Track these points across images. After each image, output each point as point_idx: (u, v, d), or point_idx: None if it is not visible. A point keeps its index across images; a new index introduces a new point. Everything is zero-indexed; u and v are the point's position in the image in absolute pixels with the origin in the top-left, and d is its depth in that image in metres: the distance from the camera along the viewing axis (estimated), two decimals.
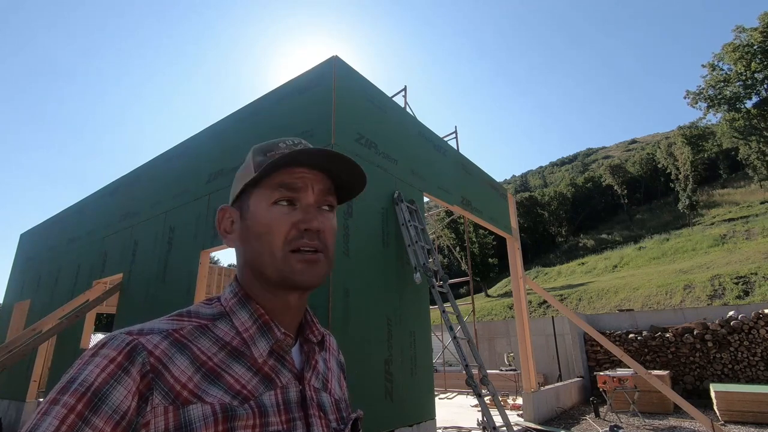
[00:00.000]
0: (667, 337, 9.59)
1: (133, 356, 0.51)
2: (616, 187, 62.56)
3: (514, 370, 10.01)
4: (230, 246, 0.68)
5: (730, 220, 37.63)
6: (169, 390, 0.51)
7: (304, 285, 0.61)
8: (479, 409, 5.46)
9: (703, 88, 34.96)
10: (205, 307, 0.63)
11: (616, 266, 34.57)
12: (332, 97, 4.38)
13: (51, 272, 8.53)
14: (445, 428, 6.57)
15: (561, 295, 25.29)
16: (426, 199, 6.09)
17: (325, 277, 0.64)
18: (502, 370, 10.32)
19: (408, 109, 8.12)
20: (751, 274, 18.86)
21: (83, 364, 0.50)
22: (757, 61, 31.78)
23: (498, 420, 4.37)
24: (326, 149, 0.64)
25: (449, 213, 15.10)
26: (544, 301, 23.80)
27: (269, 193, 0.63)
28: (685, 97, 36.35)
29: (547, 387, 8.18)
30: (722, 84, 34.15)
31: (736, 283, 18.62)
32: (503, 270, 36.45)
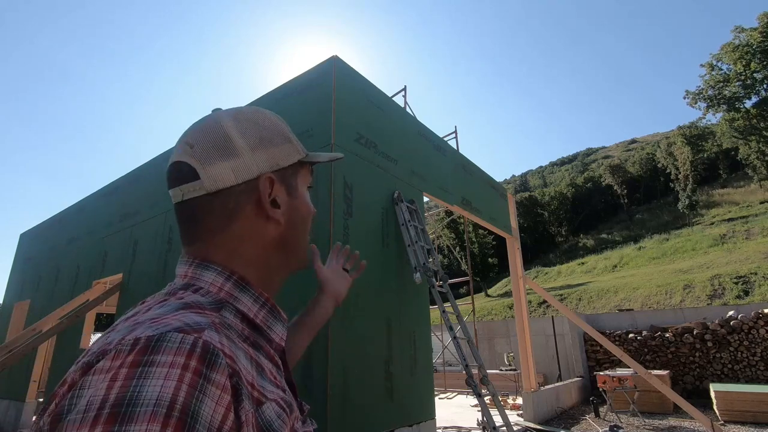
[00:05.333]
0: (667, 337, 9.58)
1: (212, 360, 0.41)
2: (615, 187, 62.55)
3: (514, 370, 10.01)
4: (279, 221, 0.59)
5: (729, 219, 37.62)
6: (249, 392, 0.44)
7: (306, 261, 0.64)
8: (479, 409, 5.46)
9: (703, 89, 34.98)
10: (195, 296, 0.52)
11: (615, 266, 34.58)
12: (332, 97, 4.38)
13: (51, 272, 8.52)
14: (445, 428, 6.57)
15: (561, 295, 25.29)
16: (426, 199, 6.09)
17: None
18: (502, 370, 10.32)
19: (408, 109, 8.12)
20: (751, 273, 18.87)
21: (133, 377, 0.37)
22: (757, 60, 31.79)
23: (498, 420, 4.37)
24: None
25: (449, 213, 15.09)
26: (544, 301, 23.79)
27: (307, 176, 0.65)
28: (684, 97, 36.39)
29: (547, 387, 8.18)
30: (721, 84, 34.16)
31: (736, 283, 18.63)
32: (503, 270, 36.45)
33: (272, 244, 0.59)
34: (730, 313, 9.32)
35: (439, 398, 10.05)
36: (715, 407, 7.39)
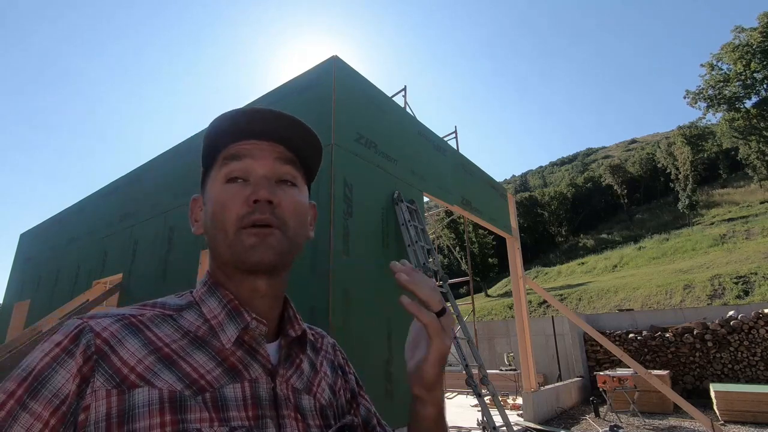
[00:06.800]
0: (667, 337, 9.58)
1: (79, 338, 0.49)
2: (616, 187, 62.55)
3: (514, 370, 10.01)
4: (198, 234, 0.64)
5: (729, 219, 37.63)
6: (115, 373, 0.48)
7: (256, 261, 0.56)
8: (479, 409, 5.46)
9: (703, 88, 34.98)
10: (173, 299, 0.61)
11: (615, 266, 34.58)
12: (332, 97, 4.38)
13: (51, 272, 8.52)
14: None
15: (561, 295, 25.28)
16: (426, 199, 6.09)
17: (283, 255, 0.58)
18: (502, 370, 10.32)
19: (408, 109, 8.11)
20: (751, 273, 18.86)
21: (33, 351, 0.49)
22: (757, 60, 31.79)
23: (498, 420, 4.37)
24: (262, 108, 0.59)
25: (449, 213, 15.09)
26: (544, 301, 23.79)
27: (219, 170, 0.60)
28: (684, 97, 36.38)
29: (547, 387, 8.19)
30: (722, 84, 34.15)
31: (736, 283, 18.62)
32: (503, 270, 36.45)
33: (209, 250, 0.63)
34: (730, 313, 9.32)
35: None
36: (715, 407, 7.39)
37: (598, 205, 65.41)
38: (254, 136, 0.61)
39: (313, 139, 0.64)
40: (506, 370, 10.23)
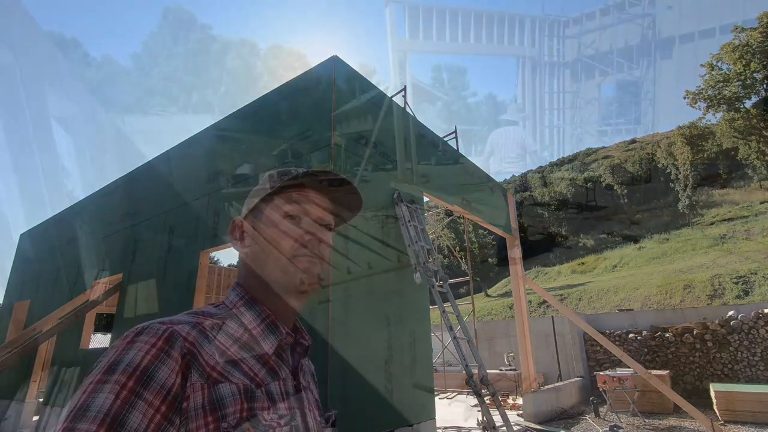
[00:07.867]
0: (667, 337, 9.58)
1: (172, 341, 0.59)
2: (616, 187, 62.54)
3: (514, 370, 10.01)
4: (242, 252, 0.77)
5: (729, 219, 37.60)
6: (203, 371, 0.60)
7: (307, 283, 0.71)
8: (479, 409, 5.46)
9: (703, 89, 34.93)
10: (213, 309, 0.72)
11: (615, 266, 34.58)
12: (332, 97, 4.38)
13: (51, 272, 8.52)
14: (445, 428, 6.57)
15: (561, 295, 25.27)
16: (426, 199, 6.09)
17: (321, 279, 0.74)
18: (502, 370, 10.31)
19: (408, 110, 8.11)
20: (751, 273, 18.86)
21: (123, 350, 0.57)
22: (757, 60, 31.76)
23: (498, 420, 4.37)
24: (331, 173, 0.76)
25: (449, 213, 15.09)
26: (544, 301, 23.78)
27: (282, 206, 0.75)
28: (684, 97, 36.33)
29: (547, 387, 8.18)
30: (721, 84, 34.12)
31: (736, 283, 18.61)
32: (503, 270, 36.44)
33: (252, 269, 0.75)
34: (730, 313, 9.31)
35: (439, 398, 10.05)
36: (715, 407, 7.39)
37: (598, 205, 65.37)
38: (311, 186, 0.77)
39: (355, 195, 0.81)
40: (506, 370, 10.23)
